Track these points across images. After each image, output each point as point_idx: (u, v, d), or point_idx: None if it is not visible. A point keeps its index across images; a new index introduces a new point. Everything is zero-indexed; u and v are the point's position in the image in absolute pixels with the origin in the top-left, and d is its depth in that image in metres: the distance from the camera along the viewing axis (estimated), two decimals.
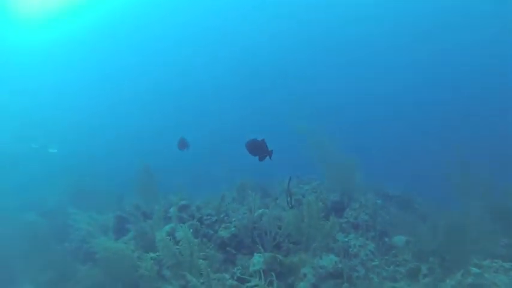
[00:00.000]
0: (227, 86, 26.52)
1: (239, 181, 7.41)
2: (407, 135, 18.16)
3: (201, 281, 3.60)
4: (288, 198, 5.90)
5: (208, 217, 5.39)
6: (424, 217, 5.82)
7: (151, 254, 4.24)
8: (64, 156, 12.45)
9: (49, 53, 21.06)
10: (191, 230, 4.20)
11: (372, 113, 21.66)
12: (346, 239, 5.20)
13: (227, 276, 4.05)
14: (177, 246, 4.08)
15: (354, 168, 6.46)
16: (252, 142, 4.06)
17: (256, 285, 3.51)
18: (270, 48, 25.37)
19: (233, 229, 4.80)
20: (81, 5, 19.88)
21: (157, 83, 26.75)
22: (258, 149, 4.05)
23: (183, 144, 5.81)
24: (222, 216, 5.42)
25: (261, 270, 3.73)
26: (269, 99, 25.04)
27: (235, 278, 3.98)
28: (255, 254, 4.39)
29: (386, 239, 5.10)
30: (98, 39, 23.34)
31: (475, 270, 3.52)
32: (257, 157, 4.09)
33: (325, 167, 7.02)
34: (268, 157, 4.07)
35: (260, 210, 5.08)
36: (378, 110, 21.71)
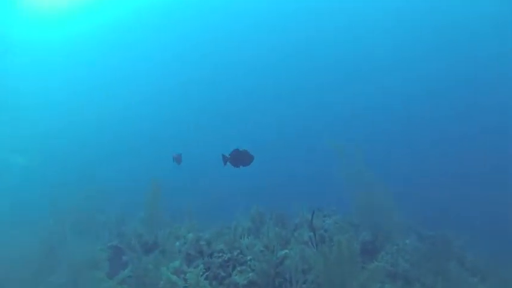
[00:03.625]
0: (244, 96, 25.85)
1: (253, 209, 6.59)
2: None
3: None
4: (312, 235, 5.07)
5: (220, 254, 4.55)
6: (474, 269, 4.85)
7: None
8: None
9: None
10: (204, 275, 3.40)
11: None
12: None
13: None
14: None
15: (390, 200, 5.51)
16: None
17: None
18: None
19: (251, 274, 3.97)
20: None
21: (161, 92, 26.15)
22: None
23: (178, 159, 5.77)
24: (235, 254, 4.57)
25: None
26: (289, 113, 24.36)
27: None
28: None
29: None
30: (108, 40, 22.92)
31: None
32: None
33: (352, 196, 6.15)
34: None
35: (283, 252, 4.24)
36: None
